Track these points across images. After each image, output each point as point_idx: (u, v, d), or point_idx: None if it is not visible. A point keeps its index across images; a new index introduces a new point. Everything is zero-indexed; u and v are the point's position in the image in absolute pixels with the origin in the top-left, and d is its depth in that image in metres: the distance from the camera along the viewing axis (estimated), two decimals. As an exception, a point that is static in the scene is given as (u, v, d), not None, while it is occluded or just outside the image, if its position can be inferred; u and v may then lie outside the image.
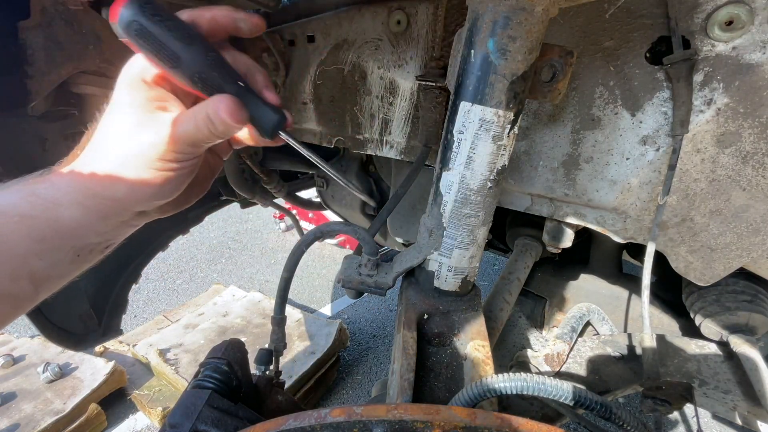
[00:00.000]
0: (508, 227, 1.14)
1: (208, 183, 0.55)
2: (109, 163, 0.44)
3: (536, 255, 1.04)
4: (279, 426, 0.32)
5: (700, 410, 0.93)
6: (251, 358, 0.61)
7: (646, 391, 0.79)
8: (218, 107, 0.43)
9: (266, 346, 0.67)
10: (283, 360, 1.12)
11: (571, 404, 0.39)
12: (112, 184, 0.44)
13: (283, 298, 0.63)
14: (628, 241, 0.70)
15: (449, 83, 0.55)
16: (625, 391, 0.81)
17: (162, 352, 2.30)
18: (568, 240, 0.81)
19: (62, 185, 0.43)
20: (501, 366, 0.87)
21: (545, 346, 0.91)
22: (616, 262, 1.12)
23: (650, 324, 0.71)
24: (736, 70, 0.53)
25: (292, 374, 2.20)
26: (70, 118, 1.07)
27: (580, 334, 0.96)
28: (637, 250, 1.15)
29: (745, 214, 0.60)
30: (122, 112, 0.44)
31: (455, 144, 0.51)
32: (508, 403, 0.78)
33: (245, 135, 0.51)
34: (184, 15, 0.43)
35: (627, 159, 0.64)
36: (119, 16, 0.39)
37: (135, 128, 0.43)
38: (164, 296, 3.40)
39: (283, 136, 0.49)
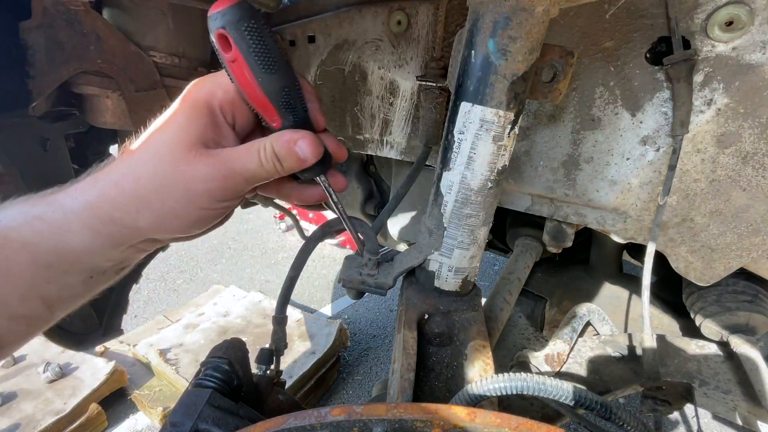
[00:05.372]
0: (508, 227, 1.14)
1: (231, 214, 0.49)
2: (138, 188, 0.38)
3: (536, 255, 1.04)
4: (279, 425, 0.32)
5: (701, 410, 0.93)
6: (252, 357, 0.61)
7: (647, 391, 0.79)
8: (296, 140, 0.39)
9: (267, 345, 0.67)
10: (284, 360, 1.12)
11: (572, 404, 0.39)
12: (137, 213, 0.39)
13: (286, 297, 0.63)
14: (629, 241, 0.71)
15: (450, 83, 0.55)
16: (626, 391, 0.81)
17: (162, 352, 2.30)
18: (568, 240, 0.81)
19: (73, 208, 0.38)
20: (501, 366, 0.87)
21: (545, 346, 0.91)
22: (616, 262, 1.12)
23: (650, 324, 0.71)
24: (736, 70, 0.53)
25: (293, 374, 2.20)
26: (70, 118, 1.08)
27: (581, 334, 0.96)
28: (638, 250, 1.15)
29: (745, 214, 0.60)
30: (174, 135, 0.39)
31: (456, 144, 0.51)
32: (509, 403, 0.78)
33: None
34: None
35: (627, 159, 0.64)
36: (231, 10, 0.36)
37: (185, 156, 0.38)
38: (164, 296, 3.40)
39: (321, 180, 0.46)
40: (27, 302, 0.38)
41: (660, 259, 0.68)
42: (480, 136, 0.49)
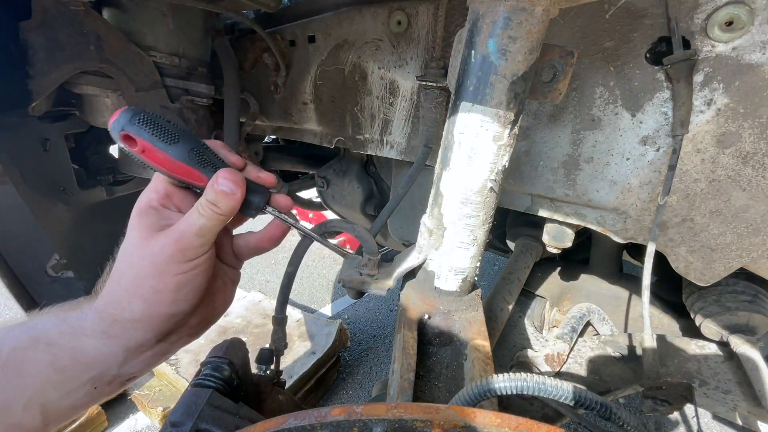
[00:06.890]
0: (508, 227, 1.14)
1: (231, 294, 0.57)
2: (123, 286, 0.46)
3: (536, 255, 1.04)
4: (279, 425, 0.32)
5: (701, 410, 0.93)
6: (252, 357, 0.61)
7: (647, 391, 0.79)
8: (216, 180, 0.46)
9: (267, 345, 0.67)
10: (284, 360, 1.12)
11: (572, 404, 0.39)
12: (129, 304, 0.45)
13: (285, 296, 0.63)
14: (629, 241, 0.70)
15: (450, 83, 0.55)
16: (626, 391, 0.81)
17: (162, 352, 2.30)
18: (568, 240, 0.81)
19: (89, 314, 0.45)
20: (501, 366, 0.87)
21: (545, 346, 0.91)
22: (616, 262, 1.12)
23: (650, 324, 0.71)
24: (736, 70, 0.53)
25: (293, 374, 2.20)
26: (70, 118, 1.08)
27: (581, 335, 0.96)
28: (638, 250, 1.15)
29: (745, 214, 0.60)
30: (132, 237, 0.47)
31: (456, 144, 0.51)
32: (508, 403, 0.78)
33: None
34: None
35: (627, 159, 0.64)
36: (120, 116, 0.44)
37: (143, 243, 0.46)
38: (165, 296, 3.40)
39: (270, 210, 0.53)
40: (28, 410, 0.42)
41: (660, 259, 0.68)
42: (480, 135, 0.49)
